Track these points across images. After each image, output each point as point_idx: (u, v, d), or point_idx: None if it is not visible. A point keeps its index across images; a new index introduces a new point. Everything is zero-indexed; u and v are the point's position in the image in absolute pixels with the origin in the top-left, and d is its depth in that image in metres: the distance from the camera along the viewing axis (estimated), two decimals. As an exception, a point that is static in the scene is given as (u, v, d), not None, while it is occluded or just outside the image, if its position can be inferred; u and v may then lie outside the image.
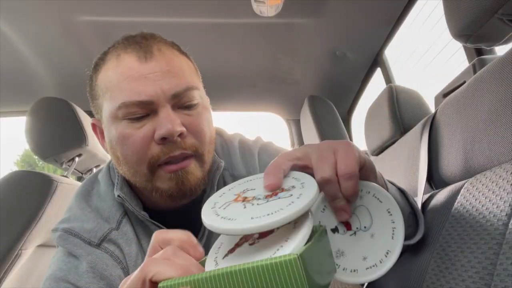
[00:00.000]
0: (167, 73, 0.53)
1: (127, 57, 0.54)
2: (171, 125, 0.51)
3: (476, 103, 0.60)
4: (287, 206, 0.31)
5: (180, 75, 0.55)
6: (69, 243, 0.57)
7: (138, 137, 0.53)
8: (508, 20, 0.52)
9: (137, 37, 0.57)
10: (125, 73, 0.53)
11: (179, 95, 0.54)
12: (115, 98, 0.53)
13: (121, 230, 0.59)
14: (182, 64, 0.57)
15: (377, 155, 1.16)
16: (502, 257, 0.42)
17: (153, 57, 0.54)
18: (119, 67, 0.54)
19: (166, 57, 0.55)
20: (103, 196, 0.62)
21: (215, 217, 0.32)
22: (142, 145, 0.53)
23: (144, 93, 0.52)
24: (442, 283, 0.51)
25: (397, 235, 0.40)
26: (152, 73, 0.53)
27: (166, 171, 0.54)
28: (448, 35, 0.63)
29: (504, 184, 0.48)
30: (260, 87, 1.70)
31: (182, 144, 0.54)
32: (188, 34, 1.33)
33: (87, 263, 0.55)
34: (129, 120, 0.53)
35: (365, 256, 0.40)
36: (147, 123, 0.53)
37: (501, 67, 0.55)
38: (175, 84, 0.54)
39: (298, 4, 1.22)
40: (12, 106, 1.58)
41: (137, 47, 0.55)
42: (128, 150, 0.54)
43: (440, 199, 0.64)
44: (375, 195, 0.41)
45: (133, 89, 0.52)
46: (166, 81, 0.53)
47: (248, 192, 0.36)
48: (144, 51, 0.54)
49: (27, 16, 1.19)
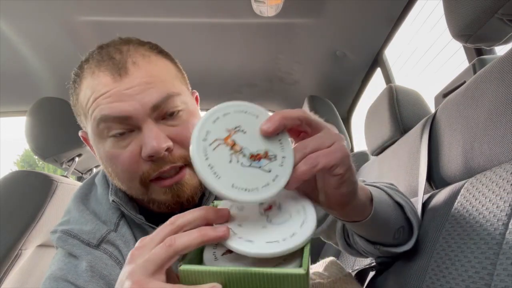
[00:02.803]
0: (143, 86, 0.51)
1: (101, 75, 0.52)
2: (156, 143, 0.50)
3: (476, 103, 0.60)
4: (262, 187, 0.34)
5: (158, 85, 0.52)
6: (68, 244, 0.57)
7: (126, 156, 0.52)
8: (508, 20, 0.52)
9: (110, 49, 0.54)
10: (101, 91, 0.51)
11: (159, 105, 0.52)
12: (94, 116, 0.52)
13: (119, 232, 0.59)
14: (160, 72, 0.55)
15: (377, 155, 1.16)
16: (502, 257, 0.42)
17: (128, 73, 0.52)
18: (95, 86, 0.52)
19: (142, 70, 0.52)
20: (100, 199, 0.62)
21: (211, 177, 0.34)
22: (131, 163, 0.52)
23: (121, 108, 0.50)
24: (442, 283, 0.51)
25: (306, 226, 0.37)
26: (129, 89, 0.51)
27: (160, 186, 0.53)
28: (448, 35, 0.63)
29: (504, 184, 0.48)
30: (260, 87, 1.70)
31: (170, 158, 0.52)
32: (188, 34, 1.33)
33: (86, 262, 0.55)
34: (114, 138, 0.52)
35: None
36: (132, 141, 0.52)
37: (501, 67, 0.55)
38: (153, 95, 0.51)
39: (298, 4, 1.22)
40: (12, 106, 1.58)
41: (110, 64, 0.52)
42: (118, 168, 0.53)
43: (440, 199, 0.64)
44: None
45: (110, 104, 0.51)
46: (143, 94, 0.51)
47: (239, 135, 0.36)
48: (118, 68, 0.52)
49: (27, 16, 1.19)
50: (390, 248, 0.57)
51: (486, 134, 0.56)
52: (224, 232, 0.35)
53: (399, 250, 0.58)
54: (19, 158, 19.37)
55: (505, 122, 0.52)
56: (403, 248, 0.58)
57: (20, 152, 20.48)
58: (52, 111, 1.17)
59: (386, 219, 0.52)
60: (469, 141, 0.60)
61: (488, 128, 0.55)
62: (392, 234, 0.56)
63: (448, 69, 1.80)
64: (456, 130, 0.65)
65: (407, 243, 0.58)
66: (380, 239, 0.56)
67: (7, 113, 1.61)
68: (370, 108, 1.15)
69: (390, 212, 0.54)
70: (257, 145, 0.36)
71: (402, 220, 0.57)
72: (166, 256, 0.34)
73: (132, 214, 0.58)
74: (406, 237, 0.59)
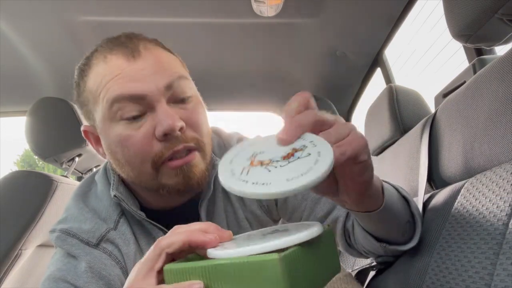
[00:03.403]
0: (157, 68, 0.53)
1: (114, 58, 0.53)
2: (171, 121, 0.51)
3: (476, 103, 0.60)
4: (314, 164, 0.32)
5: (171, 67, 0.55)
6: (67, 244, 0.57)
7: (139, 137, 0.53)
8: (508, 20, 0.52)
9: (121, 38, 0.57)
10: (114, 73, 0.52)
11: (172, 85, 0.54)
12: (107, 98, 0.53)
13: (119, 230, 0.59)
14: (170, 59, 0.58)
15: (377, 155, 1.16)
16: (502, 257, 0.42)
17: (140, 55, 0.54)
18: (107, 68, 0.53)
19: (154, 54, 0.55)
20: (100, 196, 0.62)
21: (245, 184, 0.32)
22: (144, 144, 0.53)
23: (136, 87, 0.52)
24: (442, 283, 0.51)
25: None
26: (142, 70, 0.53)
27: (171, 167, 0.54)
28: (448, 35, 0.63)
29: (504, 184, 0.48)
30: (260, 87, 1.70)
31: (183, 138, 0.54)
32: (188, 34, 1.33)
33: (85, 263, 0.55)
34: (127, 121, 0.53)
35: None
36: (145, 122, 0.53)
37: (501, 67, 0.55)
38: (166, 76, 0.54)
39: (298, 4, 1.22)
40: (12, 106, 1.58)
41: (122, 47, 0.54)
42: (130, 151, 0.54)
43: (441, 199, 0.64)
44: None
45: (124, 85, 0.52)
46: (156, 75, 0.53)
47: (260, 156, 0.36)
48: (131, 50, 0.54)
49: (27, 16, 1.19)
50: (395, 246, 0.57)
51: (486, 134, 0.56)
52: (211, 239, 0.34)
53: (404, 248, 0.57)
54: (19, 158, 19.37)
55: (505, 122, 0.52)
56: (408, 245, 0.57)
57: (20, 152, 20.50)
58: (52, 111, 1.17)
59: (395, 211, 0.51)
60: (469, 141, 0.60)
61: (488, 128, 0.55)
62: (401, 228, 0.55)
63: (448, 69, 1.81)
64: (456, 130, 0.65)
65: (412, 240, 0.57)
66: (388, 235, 0.55)
67: (7, 113, 1.60)
68: (370, 108, 1.15)
69: (399, 204, 0.53)
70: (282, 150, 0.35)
71: (408, 214, 0.56)
72: (154, 255, 0.35)
73: (133, 210, 0.58)
74: (410, 234, 0.58)
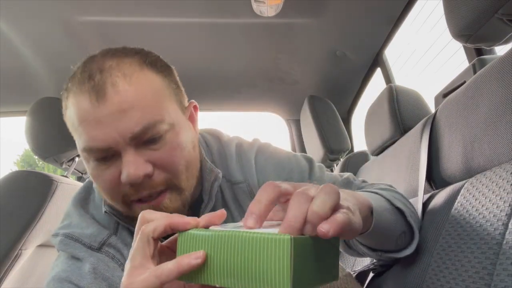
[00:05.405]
0: (122, 113, 0.49)
1: (81, 99, 0.50)
2: (134, 170, 0.49)
3: (476, 103, 0.60)
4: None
5: (138, 112, 0.50)
6: (70, 247, 0.58)
7: (106, 178, 0.52)
8: (508, 20, 0.52)
9: (93, 67, 0.52)
10: (81, 117, 0.51)
11: (139, 135, 0.50)
12: (78, 142, 0.53)
13: (119, 235, 0.60)
14: (143, 94, 0.51)
15: (377, 155, 1.16)
16: (502, 257, 0.42)
17: (106, 98, 0.49)
18: (76, 112, 0.51)
19: (121, 94, 0.49)
20: (98, 205, 0.63)
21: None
22: (112, 185, 0.52)
23: (100, 138, 0.49)
24: (442, 283, 0.51)
25: None
26: (106, 116, 0.49)
27: (140, 208, 0.52)
28: (448, 35, 0.63)
29: (504, 184, 0.48)
30: (260, 87, 1.70)
31: (150, 184, 0.52)
32: (188, 34, 1.33)
33: (89, 264, 0.56)
34: (97, 162, 0.52)
35: None
36: (112, 165, 0.52)
37: (501, 67, 0.55)
38: (133, 124, 0.49)
39: (298, 4, 1.22)
40: (12, 106, 1.58)
41: (89, 86, 0.50)
42: (100, 187, 0.54)
43: (440, 199, 0.64)
44: None
45: (89, 134, 0.50)
46: (121, 122, 0.49)
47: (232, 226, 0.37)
48: (96, 91, 0.49)
49: (27, 16, 1.19)
50: (391, 254, 0.57)
51: (486, 134, 0.56)
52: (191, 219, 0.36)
53: (401, 255, 0.58)
54: (19, 158, 19.37)
55: (505, 122, 0.52)
56: (404, 252, 0.58)
57: (20, 152, 20.48)
58: (52, 111, 1.17)
59: (387, 227, 0.52)
60: (469, 141, 0.60)
61: (488, 128, 0.55)
62: (394, 241, 0.56)
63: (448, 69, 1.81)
64: (456, 130, 0.65)
65: (409, 247, 0.58)
66: (382, 247, 0.56)
67: (7, 113, 1.61)
68: (370, 108, 1.15)
69: (391, 219, 0.54)
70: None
71: (403, 225, 0.57)
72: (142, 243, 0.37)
73: (127, 223, 0.59)
74: (408, 241, 0.59)
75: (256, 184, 0.64)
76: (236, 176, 0.65)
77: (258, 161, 0.66)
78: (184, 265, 0.34)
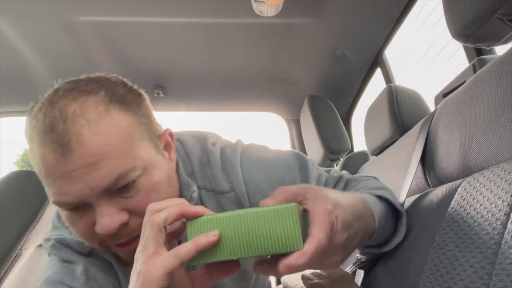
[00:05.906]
0: (91, 167, 0.46)
1: (45, 152, 0.47)
2: (108, 222, 0.47)
3: (475, 103, 0.60)
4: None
5: (109, 162, 0.47)
6: (62, 252, 0.59)
7: (81, 226, 0.50)
8: (508, 20, 0.52)
9: (55, 113, 0.47)
10: (48, 171, 0.47)
11: (110, 187, 0.47)
12: (47, 192, 0.50)
13: None
14: (111, 141, 0.48)
15: (377, 155, 1.16)
16: (500, 257, 0.42)
17: (71, 151, 0.45)
18: (41, 163, 0.48)
19: (87, 146, 0.46)
20: None
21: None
22: (87, 233, 0.51)
23: (71, 194, 0.47)
24: (440, 282, 0.51)
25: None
26: (74, 171, 0.46)
27: (120, 250, 0.52)
28: (448, 35, 0.63)
29: (502, 183, 0.48)
30: (260, 87, 1.70)
31: (126, 230, 0.50)
32: (188, 34, 1.33)
33: (82, 266, 0.57)
34: (69, 211, 0.50)
35: None
36: (85, 214, 0.49)
37: (501, 67, 0.55)
38: (103, 177, 0.46)
39: (298, 4, 1.22)
40: (12, 106, 1.58)
41: (53, 137, 0.46)
42: (76, 234, 0.52)
43: (437, 197, 0.64)
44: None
45: (59, 190, 0.47)
46: (91, 177, 0.46)
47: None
48: (61, 145, 0.46)
49: (27, 16, 1.19)
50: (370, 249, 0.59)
51: (485, 133, 0.56)
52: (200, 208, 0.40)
53: (380, 251, 0.60)
54: (19, 158, 19.37)
55: (504, 121, 0.52)
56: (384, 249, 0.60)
57: (20, 152, 20.47)
58: (52, 111, 1.17)
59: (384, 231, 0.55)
60: (467, 140, 0.60)
61: (487, 128, 0.55)
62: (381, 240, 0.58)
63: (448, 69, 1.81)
64: (455, 129, 0.65)
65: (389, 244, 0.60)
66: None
67: (7, 113, 1.61)
68: (370, 108, 1.15)
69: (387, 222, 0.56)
70: None
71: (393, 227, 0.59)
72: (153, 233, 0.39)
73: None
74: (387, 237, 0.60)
75: (244, 192, 0.61)
76: (222, 185, 0.61)
77: (245, 168, 0.62)
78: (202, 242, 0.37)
